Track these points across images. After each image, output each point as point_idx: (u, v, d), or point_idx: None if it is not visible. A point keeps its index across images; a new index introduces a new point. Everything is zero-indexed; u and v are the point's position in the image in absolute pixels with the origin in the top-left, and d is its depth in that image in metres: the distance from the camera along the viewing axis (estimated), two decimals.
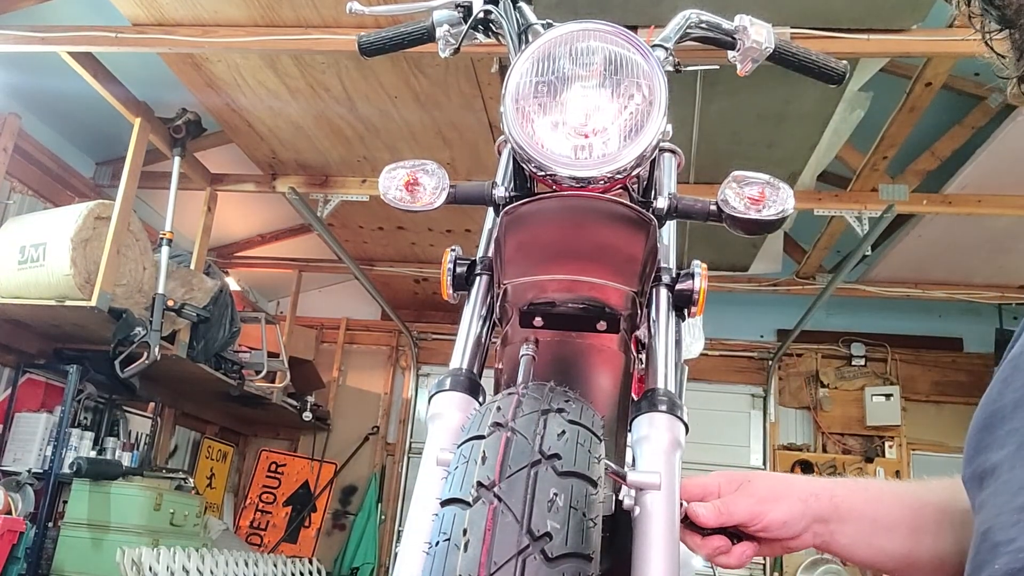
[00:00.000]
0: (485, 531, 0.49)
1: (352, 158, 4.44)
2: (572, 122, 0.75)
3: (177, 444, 5.60)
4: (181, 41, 3.34)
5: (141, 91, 3.93)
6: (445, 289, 0.77)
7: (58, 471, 3.87)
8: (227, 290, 4.54)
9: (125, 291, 3.78)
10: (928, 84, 3.26)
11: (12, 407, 4.11)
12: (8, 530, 3.50)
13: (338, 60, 3.52)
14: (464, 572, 0.47)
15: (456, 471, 0.55)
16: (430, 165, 0.79)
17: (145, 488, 4.01)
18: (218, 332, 4.38)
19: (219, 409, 5.71)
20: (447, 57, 1.02)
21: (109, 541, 3.78)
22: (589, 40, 0.77)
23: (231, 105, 4.01)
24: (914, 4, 2.81)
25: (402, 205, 0.77)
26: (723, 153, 3.89)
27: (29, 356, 4.19)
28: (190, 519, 4.26)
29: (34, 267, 3.63)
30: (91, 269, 3.62)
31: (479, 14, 1.03)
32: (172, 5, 3.26)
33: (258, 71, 3.70)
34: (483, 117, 3.91)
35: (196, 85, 3.85)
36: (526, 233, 0.76)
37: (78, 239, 3.58)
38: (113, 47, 3.37)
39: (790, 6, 2.80)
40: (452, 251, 0.78)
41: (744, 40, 1.03)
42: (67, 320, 3.80)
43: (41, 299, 3.62)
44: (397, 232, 5.48)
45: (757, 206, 0.76)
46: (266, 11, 3.25)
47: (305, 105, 3.95)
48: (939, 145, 3.94)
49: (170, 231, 4.10)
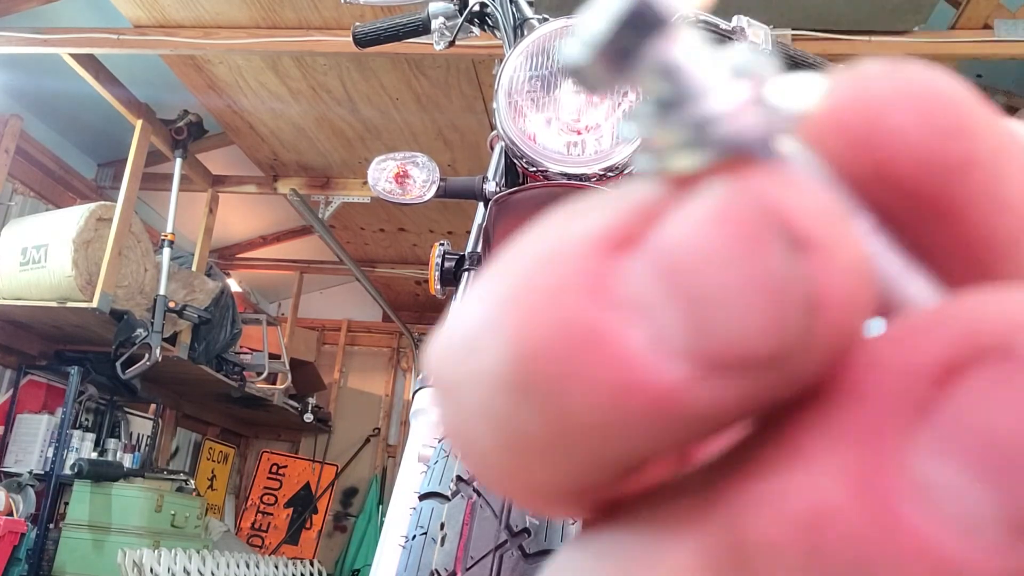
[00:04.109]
0: (463, 525, 0.48)
1: (353, 160, 4.44)
2: (565, 118, 0.75)
3: (178, 445, 5.59)
4: (183, 43, 3.34)
5: (143, 93, 3.94)
6: (433, 284, 0.77)
7: (59, 472, 3.87)
8: (228, 292, 4.54)
9: (126, 292, 3.78)
10: None
11: (13, 408, 4.11)
12: (9, 531, 3.50)
13: (339, 62, 3.52)
14: (440, 566, 0.47)
15: (436, 465, 0.55)
16: (420, 158, 0.78)
17: (146, 490, 4.01)
18: (219, 334, 4.38)
19: (220, 411, 5.71)
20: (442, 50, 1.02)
21: (110, 542, 3.78)
22: None
23: (232, 107, 4.01)
24: (916, 6, 2.80)
25: (392, 198, 0.77)
26: None
27: (30, 358, 4.20)
28: (191, 521, 4.26)
29: (35, 268, 3.64)
30: (92, 271, 3.62)
31: (474, 7, 1.03)
32: (174, 7, 3.26)
33: (259, 73, 3.71)
34: (484, 119, 3.90)
35: (197, 87, 3.85)
36: (516, 222, 0.75)
37: (80, 240, 3.58)
38: (115, 49, 3.37)
39: (791, 8, 2.79)
40: (441, 245, 0.78)
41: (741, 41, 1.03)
42: (68, 322, 3.80)
43: (42, 300, 3.62)
44: (398, 234, 5.48)
45: None
46: (268, 13, 3.25)
47: (306, 106, 3.95)
48: None
49: (171, 232, 4.10)
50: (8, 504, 3.63)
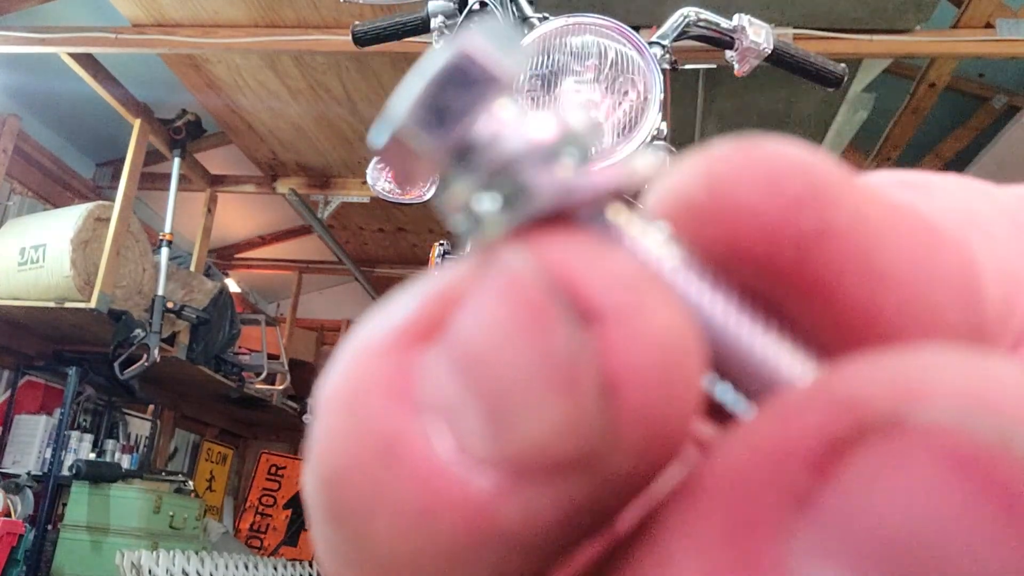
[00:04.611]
0: None
1: (353, 159, 4.43)
2: None
3: (177, 446, 5.58)
4: (181, 42, 3.33)
5: (141, 92, 3.93)
6: None
7: (57, 473, 3.86)
8: (227, 292, 4.53)
9: (125, 293, 3.77)
10: (932, 85, 3.24)
11: (11, 409, 4.10)
12: (7, 533, 3.49)
13: (339, 61, 3.51)
14: None
15: None
16: None
17: (145, 491, 4.00)
18: (218, 334, 4.37)
19: (219, 411, 5.70)
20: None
21: (108, 544, 3.77)
22: (585, 35, 0.76)
23: (231, 106, 4.00)
24: (918, 4, 2.79)
25: (391, 197, 0.76)
26: None
27: (28, 358, 4.18)
28: (190, 522, 4.24)
29: (34, 268, 3.63)
30: (91, 271, 3.61)
31: (474, 5, 1.02)
32: (172, 6, 3.25)
33: (258, 72, 3.70)
34: None
35: (196, 86, 3.84)
36: None
37: (78, 240, 3.57)
38: (113, 48, 3.36)
39: (792, 6, 2.79)
40: (440, 245, 0.77)
41: (742, 40, 1.02)
42: (66, 322, 3.79)
43: (40, 301, 3.61)
44: (398, 234, 5.47)
45: None
46: (266, 12, 3.24)
47: (305, 106, 3.94)
48: (943, 147, 3.92)
49: (170, 232, 4.09)
50: (6, 505, 3.62)
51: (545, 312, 0.08)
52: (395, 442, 0.08)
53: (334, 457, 0.09)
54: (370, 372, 0.09)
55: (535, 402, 0.08)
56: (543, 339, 0.08)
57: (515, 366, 0.08)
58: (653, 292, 0.09)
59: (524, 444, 0.08)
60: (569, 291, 0.08)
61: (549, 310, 0.08)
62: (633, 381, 0.08)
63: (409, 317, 0.09)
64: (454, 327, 0.09)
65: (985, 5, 2.87)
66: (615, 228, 0.10)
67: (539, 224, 0.09)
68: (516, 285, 0.09)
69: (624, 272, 0.09)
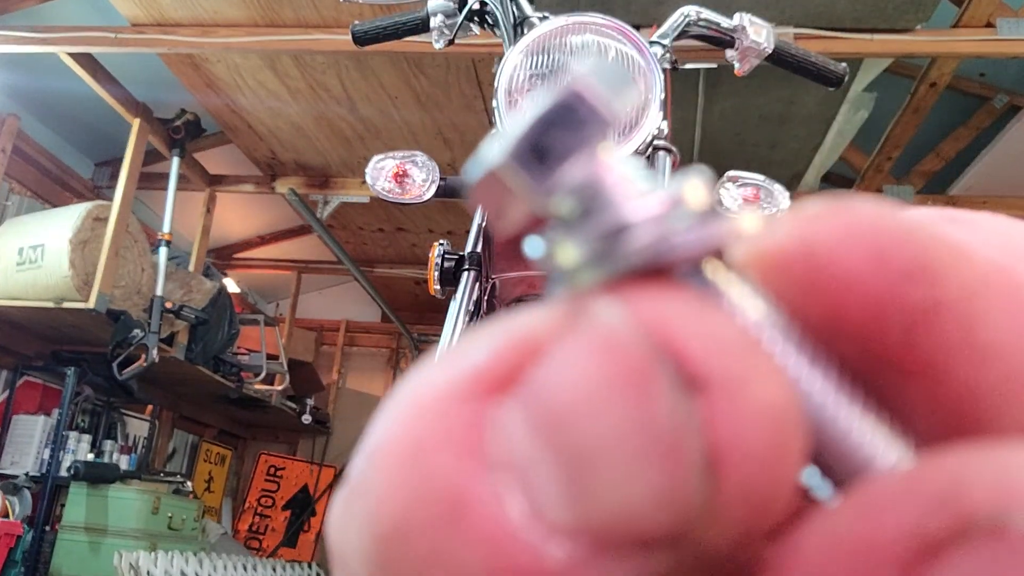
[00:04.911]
0: None
1: (352, 159, 4.42)
2: None
3: (175, 447, 5.57)
4: (180, 41, 3.32)
5: (140, 92, 3.92)
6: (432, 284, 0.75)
7: (55, 474, 3.85)
8: (226, 292, 4.52)
9: (123, 293, 3.76)
10: (933, 85, 3.23)
11: (9, 410, 4.09)
12: (5, 533, 3.48)
13: (338, 60, 3.51)
14: None
15: None
16: (420, 157, 0.77)
17: (143, 491, 3.99)
18: (217, 334, 4.36)
19: (218, 412, 5.69)
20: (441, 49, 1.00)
21: (107, 545, 3.76)
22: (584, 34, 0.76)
23: (230, 106, 3.99)
24: (918, 4, 2.78)
25: (391, 197, 0.75)
26: (726, 154, 3.87)
27: (27, 358, 4.18)
28: (188, 523, 4.24)
29: (32, 268, 3.62)
30: (89, 271, 3.61)
31: (474, 5, 1.01)
32: (172, 5, 3.24)
33: (258, 71, 3.69)
34: (484, 118, 3.89)
35: (195, 86, 3.83)
36: None
37: (76, 240, 3.56)
38: (112, 47, 3.35)
39: (793, 6, 2.78)
40: (440, 245, 0.76)
41: (743, 39, 1.01)
42: (65, 322, 3.79)
43: (39, 301, 3.60)
44: (397, 234, 5.46)
45: (750, 206, 0.75)
46: (266, 11, 3.24)
47: (305, 106, 3.94)
48: (944, 146, 3.92)
49: (168, 232, 4.08)
50: (4, 506, 3.61)
51: (646, 374, 0.08)
52: (462, 501, 0.08)
53: (394, 513, 0.08)
54: (437, 422, 0.08)
55: (627, 470, 0.08)
56: (643, 403, 0.08)
57: (607, 429, 0.08)
58: (760, 361, 0.08)
59: (609, 514, 0.08)
60: (672, 354, 0.08)
61: (651, 373, 0.08)
62: (738, 456, 0.08)
63: (481, 364, 0.09)
64: (535, 379, 0.08)
65: (986, 4, 2.86)
66: (714, 287, 0.09)
67: (635, 277, 0.09)
68: (612, 341, 0.08)
69: (729, 337, 0.08)
